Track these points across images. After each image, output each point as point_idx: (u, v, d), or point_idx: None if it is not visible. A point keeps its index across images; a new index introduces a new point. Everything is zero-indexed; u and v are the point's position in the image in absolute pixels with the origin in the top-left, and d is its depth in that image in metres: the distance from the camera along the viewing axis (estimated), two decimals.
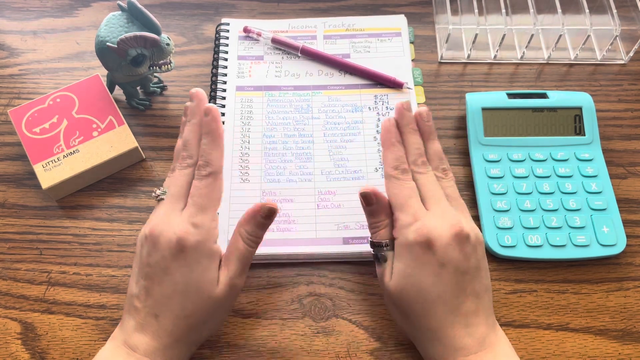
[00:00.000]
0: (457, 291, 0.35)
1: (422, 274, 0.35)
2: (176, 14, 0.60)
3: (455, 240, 0.35)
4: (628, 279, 0.44)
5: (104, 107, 0.49)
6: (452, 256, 0.35)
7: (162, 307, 0.35)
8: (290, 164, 0.49)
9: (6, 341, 0.41)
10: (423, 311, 0.35)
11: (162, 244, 0.35)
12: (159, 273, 0.35)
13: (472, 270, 0.35)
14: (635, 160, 0.50)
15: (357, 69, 0.53)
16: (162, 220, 0.36)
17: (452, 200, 0.38)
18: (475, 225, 0.38)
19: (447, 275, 0.35)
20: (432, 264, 0.35)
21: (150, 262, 0.35)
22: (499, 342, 0.35)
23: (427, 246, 0.35)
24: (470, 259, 0.35)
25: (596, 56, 0.56)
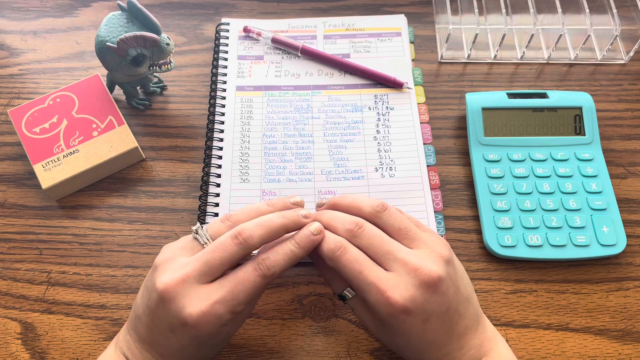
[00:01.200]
0: (445, 329, 0.34)
1: (406, 334, 0.34)
2: (176, 14, 0.60)
3: (429, 291, 0.33)
4: (628, 279, 0.44)
5: (104, 107, 0.49)
6: (432, 308, 0.33)
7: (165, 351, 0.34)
8: (290, 164, 0.48)
9: (6, 341, 0.41)
10: (415, 353, 0.35)
11: (171, 312, 0.32)
12: (164, 329, 0.33)
13: (453, 301, 0.34)
14: (635, 160, 0.49)
15: (357, 69, 0.53)
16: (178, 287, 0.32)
17: (400, 233, 0.35)
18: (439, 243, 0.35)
19: (432, 324, 0.33)
20: (414, 325, 0.33)
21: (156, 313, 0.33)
22: (491, 347, 0.35)
23: (404, 314, 0.33)
24: (447, 293, 0.33)
25: (596, 56, 0.56)
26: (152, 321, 0.33)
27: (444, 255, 0.34)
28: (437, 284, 0.33)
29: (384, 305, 0.33)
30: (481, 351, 0.34)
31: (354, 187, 0.47)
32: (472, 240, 0.45)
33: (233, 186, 0.47)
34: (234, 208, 0.46)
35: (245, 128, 0.51)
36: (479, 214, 0.46)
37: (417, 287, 0.33)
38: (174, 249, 0.35)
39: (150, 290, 0.33)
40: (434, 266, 0.33)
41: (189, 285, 0.32)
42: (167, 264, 0.34)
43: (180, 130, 0.52)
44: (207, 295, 0.32)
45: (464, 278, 0.35)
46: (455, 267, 0.35)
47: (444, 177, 0.49)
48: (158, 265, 0.34)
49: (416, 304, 0.32)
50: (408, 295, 0.32)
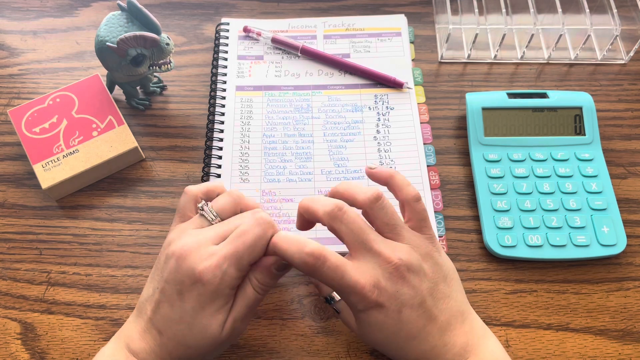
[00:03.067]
0: (423, 322, 0.34)
1: (383, 328, 0.34)
2: (176, 14, 0.60)
3: (399, 283, 0.33)
4: (628, 279, 0.44)
5: (104, 107, 0.49)
6: (404, 299, 0.33)
7: (167, 327, 0.34)
8: (290, 164, 0.48)
9: (6, 341, 0.41)
10: (397, 351, 0.35)
11: (184, 269, 0.33)
12: (173, 293, 0.34)
13: (427, 295, 0.34)
14: (635, 160, 0.49)
15: (357, 69, 0.53)
16: (194, 244, 0.34)
17: (387, 228, 0.35)
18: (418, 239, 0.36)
19: (407, 316, 0.34)
20: (389, 317, 0.34)
21: (167, 279, 0.34)
22: (479, 344, 0.35)
23: (376, 307, 0.33)
24: (421, 286, 0.34)
25: (596, 56, 0.56)
26: (162, 291, 0.34)
27: (421, 250, 0.35)
28: (406, 274, 0.34)
29: (358, 301, 0.33)
30: (467, 349, 0.34)
31: None
32: (472, 240, 0.45)
33: (233, 186, 0.47)
34: None
35: (245, 128, 0.51)
36: (479, 214, 0.46)
37: (387, 279, 0.33)
38: (183, 227, 0.37)
39: (165, 259, 0.35)
40: (405, 257, 0.34)
41: (202, 246, 0.34)
42: (180, 236, 0.35)
43: (180, 130, 0.52)
44: (215, 252, 0.34)
45: (447, 276, 0.36)
46: (436, 263, 0.35)
47: (444, 177, 0.49)
48: (170, 241, 0.36)
49: (387, 295, 0.33)
50: (378, 291, 0.33)
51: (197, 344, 0.34)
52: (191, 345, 0.34)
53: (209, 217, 0.36)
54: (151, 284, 0.36)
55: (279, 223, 0.45)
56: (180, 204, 0.38)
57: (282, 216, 0.46)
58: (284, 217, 0.46)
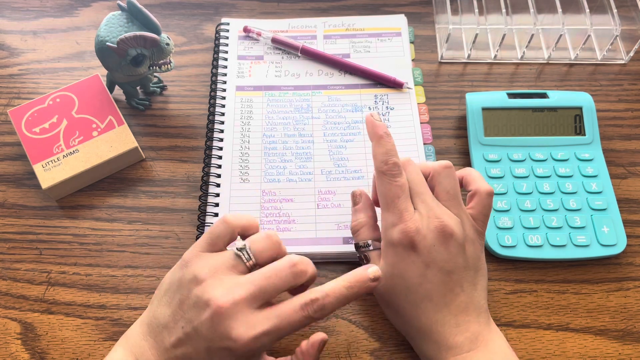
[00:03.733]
0: (444, 290, 0.35)
1: (407, 274, 0.35)
2: (176, 14, 0.60)
3: (439, 240, 0.35)
4: (628, 279, 0.44)
5: (104, 107, 0.49)
6: (436, 257, 0.35)
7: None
8: (290, 164, 0.48)
9: (6, 341, 0.41)
10: (412, 310, 0.36)
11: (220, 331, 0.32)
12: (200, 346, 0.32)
13: (459, 269, 0.35)
14: (635, 160, 0.49)
15: (357, 69, 0.53)
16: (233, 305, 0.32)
17: (449, 197, 0.37)
18: (469, 221, 0.37)
19: (433, 275, 0.35)
20: (416, 265, 0.35)
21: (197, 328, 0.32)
22: (492, 339, 0.35)
23: (410, 247, 0.35)
24: (456, 258, 0.35)
25: (596, 56, 0.56)
26: (190, 336, 0.32)
27: (468, 231, 0.37)
28: (448, 238, 0.35)
29: (398, 231, 0.35)
30: (479, 338, 0.35)
31: (354, 187, 0.47)
32: None
33: (233, 186, 0.47)
34: (234, 208, 0.46)
35: (245, 128, 0.51)
36: None
37: (431, 231, 0.35)
38: (214, 262, 0.34)
39: (197, 304, 0.32)
40: (453, 224, 0.36)
41: (241, 308, 0.32)
42: (214, 280, 0.33)
43: (180, 130, 0.52)
44: (255, 325, 0.32)
45: (479, 270, 0.37)
46: (476, 252, 0.37)
47: None
48: (201, 279, 0.33)
49: (424, 244, 0.35)
50: (420, 235, 0.35)
51: None
52: None
53: (245, 258, 0.34)
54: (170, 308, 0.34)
55: (279, 223, 0.45)
56: (215, 231, 0.36)
57: (282, 216, 0.46)
58: (284, 217, 0.46)
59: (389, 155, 0.37)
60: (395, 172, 0.37)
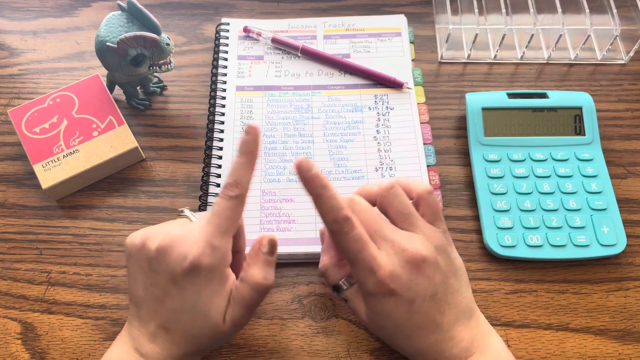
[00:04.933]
0: (432, 314, 0.34)
1: (393, 315, 0.35)
2: (176, 14, 0.60)
3: (414, 273, 0.34)
4: (628, 279, 0.44)
5: (104, 107, 0.49)
6: (417, 289, 0.34)
7: (172, 321, 0.34)
8: (290, 164, 0.48)
9: (6, 341, 0.41)
10: (405, 342, 0.36)
11: (173, 259, 0.33)
12: (170, 285, 0.34)
13: (440, 287, 0.35)
14: (635, 160, 0.49)
15: (357, 69, 0.53)
16: (176, 234, 0.34)
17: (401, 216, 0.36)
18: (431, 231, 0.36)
19: (419, 306, 0.34)
20: (400, 304, 0.34)
21: (159, 271, 0.34)
22: (486, 342, 0.35)
23: (390, 293, 0.34)
24: (434, 278, 0.34)
25: (596, 56, 0.56)
26: (155, 287, 0.34)
27: (435, 242, 0.35)
28: (421, 265, 0.34)
29: (372, 283, 0.34)
30: (473, 344, 0.35)
31: (354, 187, 0.47)
32: (472, 240, 0.45)
33: None
34: None
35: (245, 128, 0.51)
36: (479, 214, 0.46)
37: (403, 267, 0.34)
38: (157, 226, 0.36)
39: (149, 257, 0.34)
40: (421, 248, 0.34)
41: (185, 236, 0.34)
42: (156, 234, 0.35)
43: (180, 130, 0.52)
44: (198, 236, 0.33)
45: (458, 271, 0.36)
46: (449, 257, 0.36)
47: (444, 177, 0.49)
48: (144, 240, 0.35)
49: (401, 283, 0.34)
50: (396, 278, 0.34)
51: (202, 332, 0.34)
52: (197, 334, 0.34)
53: (192, 218, 0.36)
54: (139, 284, 0.35)
55: (279, 223, 0.45)
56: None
57: (282, 216, 0.46)
58: (284, 217, 0.46)
59: (336, 211, 0.34)
60: (349, 227, 0.34)
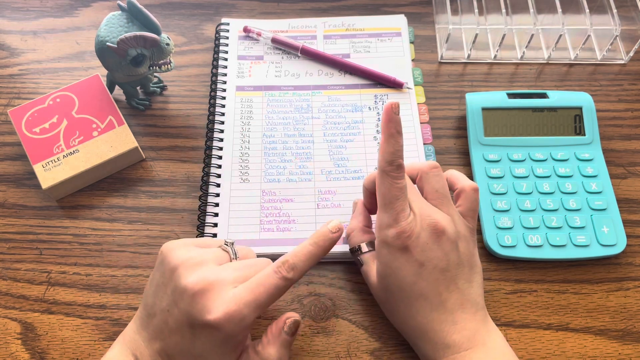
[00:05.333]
0: (439, 288, 0.35)
1: (402, 273, 0.36)
2: (176, 14, 0.60)
3: (432, 238, 0.35)
4: (628, 279, 0.44)
5: (104, 107, 0.49)
6: (430, 255, 0.35)
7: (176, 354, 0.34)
8: (290, 164, 0.49)
9: (6, 341, 0.41)
10: (407, 309, 0.36)
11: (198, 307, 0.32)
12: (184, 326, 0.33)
13: (453, 266, 0.36)
14: (635, 160, 0.49)
15: (357, 69, 0.53)
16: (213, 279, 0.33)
17: (438, 195, 0.38)
18: (459, 219, 0.38)
19: (427, 273, 0.35)
20: (410, 264, 0.35)
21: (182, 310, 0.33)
22: (490, 337, 0.35)
23: (404, 248, 0.35)
24: (449, 255, 0.36)
25: (596, 56, 0.56)
26: (172, 318, 0.33)
27: (459, 227, 0.37)
28: (440, 235, 0.35)
29: (392, 232, 0.35)
30: (476, 337, 0.35)
31: (354, 187, 0.47)
32: None
33: (233, 186, 0.47)
34: (233, 208, 0.46)
35: (245, 128, 0.51)
36: (479, 214, 0.46)
37: (423, 229, 0.36)
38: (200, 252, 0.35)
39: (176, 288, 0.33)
40: (444, 222, 0.36)
41: (218, 287, 0.33)
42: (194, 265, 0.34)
43: (180, 130, 0.52)
44: (232, 298, 0.32)
45: (474, 267, 0.37)
46: (469, 248, 0.37)
47: None
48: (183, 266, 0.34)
49: (417, 243, 0.35)
50: (414, 235, 0.35)
51: None
52: None
53: (231, 254, 0.36)
54: (157, 296, 0.34)
55: (279, 223, 0.45)
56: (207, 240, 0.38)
57: (282, 216, 0.46)
58: (284, 217, 0.46)
59: (395, 156, 0.36)
60: (398, 174, 0.36)
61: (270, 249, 0.44)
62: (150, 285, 0.36)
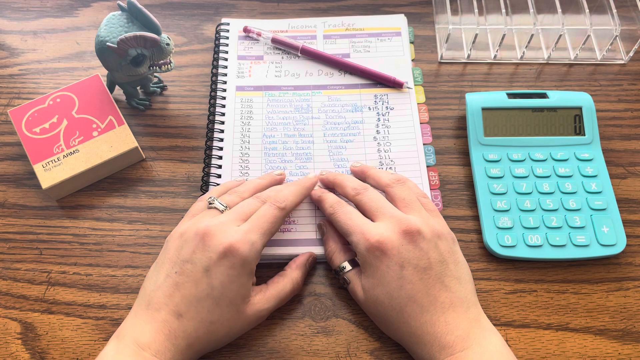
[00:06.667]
0: (425, 288, 0.35)
1: (385, 279, 0.36)
2: (176, 14, 0.60)
3: (407, 239, 0.36)
4: (628, 279, 0.44)
5: (104, 107, 0.49)
6: (408, 255, 0.36)
7: (189, 307, 0.35)
8: (290, 164, 0.49)
9: (6, 341, 0.41)
10: (399, 316, 0.36)
11: (213, 245, 0.36)
12: (198, 272, 0.35)
13: (435, 264, 0.36)
14: (635, 160, 0.50)
15: (357, 69, 0.53)
16: (218, 226, 0.37)
17: (405, 203, 0.39)
18: (437, 222, 0.39)
19: (410, 274, 0.35)
20: (391, 268, 0.36)
21: (192, 259, 0.36)
22: (485, 337, 0.35)
23: (380, 252, 0.36)
24: (429, 253, 0.36)
25: (596, 56, 0.56)
26: (182, 273, 0.36)
27: (436, 227, 0.38)
28: (415, 236, 0.36)
29: (363, 242, 0.37)
30: (470, 336, 0.34)
31: None
32: (472, 240, 0.46)
33: None
34: None
35: (245, 128, 0.51)
36: (479, 214, 0.46)
37: (396, 232, 0.37)
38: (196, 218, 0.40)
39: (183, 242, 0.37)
40: (417, 222, 0.37)
41: (226, 225, 0.37)
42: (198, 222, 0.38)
43: (180, 130, 0.52)
44: (240, 229, 0.37)
45: (459, 264, 0.38)
46: (450, 246, 0.38)
47: (444, 177, 0.49)
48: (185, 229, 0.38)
49: (392, 243, 0.36)
50: (385, 238, 0.36)
51: (222, 320, 0.35)
52: (215, 321, 0.35)
53: (220, 208, 0.40)
54: (161, 272, 0.37)
55: None
56: (194, 207, 0.42)
57: None
58: None
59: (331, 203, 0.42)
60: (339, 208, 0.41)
61: (271, 249, 0.44)
62: (152, 269, 0.38)
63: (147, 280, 0.37)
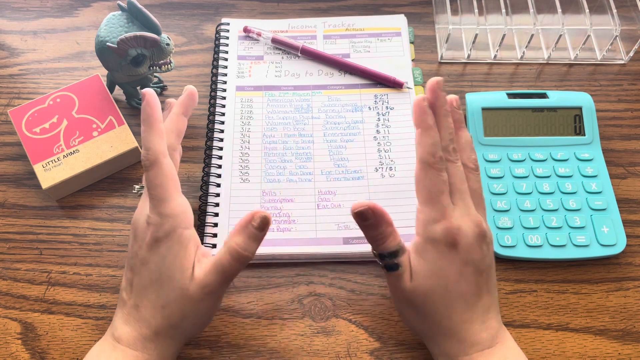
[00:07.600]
0: (476, 289, 0.35)
1: (446, 272, 0.35)
2: (176, 14, 0.60)
3: (477, 240, 0.35)
4: (628, 279, 0.44)
5: (104, 107, 0.49)
6: (474, 256, 0.35)
7: (141, 297, 0.36)
8: (290, 164, 0.49)
9: (6, 341, 0.41)
10: (445, 310, 0.35)
11: (139, 235, 0.36)
12: (138, 264, 0.36)
13: (487, 268, 0.36)
14: (635, 160, 0.50)
15: (357, 69, 0.53)
16: (139, 213, 0.38)
17: (476, 195, 0.37)
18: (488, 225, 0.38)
19: (469, 274, 0.35)
20: (455, 263, 0.35)
21: (132, 254, 0.37)
22: (506, 337, 0.36)
23: (452, 245, 0.35)
24: (486, 258, 0.36)
25: (596, 56, 0.56)
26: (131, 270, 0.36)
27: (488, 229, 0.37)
28: (482, 237, 0.35)
29: (442, 227, 0.35)
30: (498, 337, 0.35)
31: (354, 187, 0.47)
32: None
33: (233, 186, 0.47)
34: (234, 208, 0.46)
35: (245, 128, 0.51)
36: None
37: (471, 229, 0.35)
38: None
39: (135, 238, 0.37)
40: (484, 224, 0.36)
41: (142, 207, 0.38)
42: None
43: None
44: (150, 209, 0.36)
45: (492, 274, 0.37)
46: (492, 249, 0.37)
47: None
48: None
49: (466, 239, 0.35)
50: (463, 233, 0.35)
51: (169, 300, 0.35)
52: (165, 303, 0.35)
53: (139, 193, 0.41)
54: (124, 273, 0.38)
55: (279, 223, 0.45)
56: None
57: (283, 216, 0.46)
58: (284, 217, 0.46)
59: (436, 148, 0.35)
60: (441, 167, 0.35)
61: (270, 250, 0.44)
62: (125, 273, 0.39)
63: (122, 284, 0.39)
